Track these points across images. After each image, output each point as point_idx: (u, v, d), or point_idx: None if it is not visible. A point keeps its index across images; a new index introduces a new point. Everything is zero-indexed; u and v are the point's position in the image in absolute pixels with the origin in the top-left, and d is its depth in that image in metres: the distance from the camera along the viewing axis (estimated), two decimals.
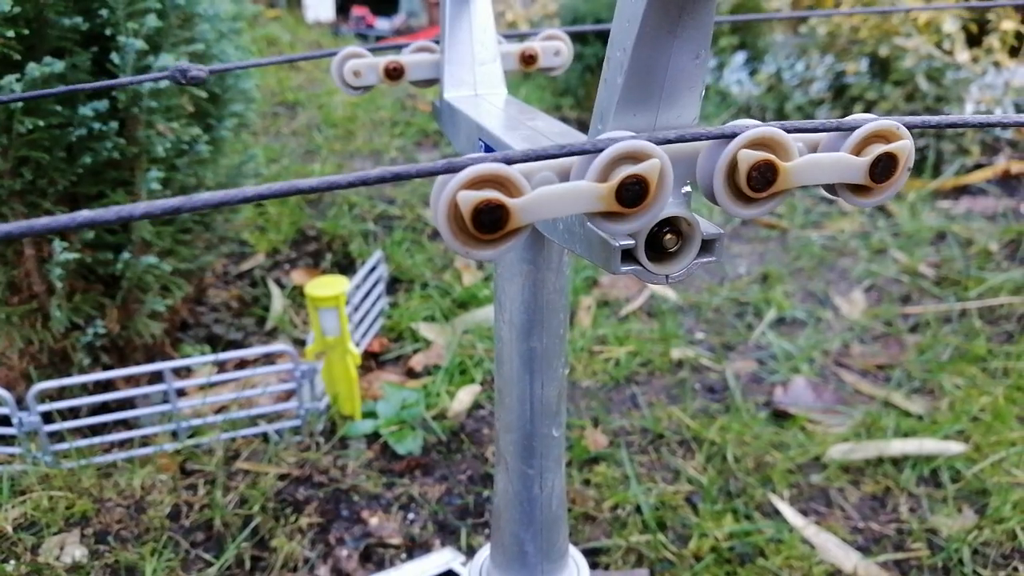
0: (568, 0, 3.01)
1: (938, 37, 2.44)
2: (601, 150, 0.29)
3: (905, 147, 0.32)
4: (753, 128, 0.30)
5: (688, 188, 0.34)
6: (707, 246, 0.34)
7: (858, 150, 0.32)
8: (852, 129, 0.32)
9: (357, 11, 5.18)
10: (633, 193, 0.29)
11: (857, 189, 0.33)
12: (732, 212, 0.31)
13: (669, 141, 0.30)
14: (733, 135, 0.30)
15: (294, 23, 4.57)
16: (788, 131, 0.30)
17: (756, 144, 0.30)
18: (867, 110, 2.51)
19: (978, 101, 2.49)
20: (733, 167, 0.30)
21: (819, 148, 0.33)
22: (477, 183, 0.28)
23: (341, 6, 5.56)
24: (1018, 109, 2.48)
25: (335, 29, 5.05)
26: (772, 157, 0.30)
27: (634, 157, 0.29)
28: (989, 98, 2.47)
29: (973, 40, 2.56)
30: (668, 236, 0.33)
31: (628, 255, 0.33)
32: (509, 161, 0.29)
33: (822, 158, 0.31)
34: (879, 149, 0.32)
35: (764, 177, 0.30)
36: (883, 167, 0.32)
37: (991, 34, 2.48)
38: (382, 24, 5.25)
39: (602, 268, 0.34)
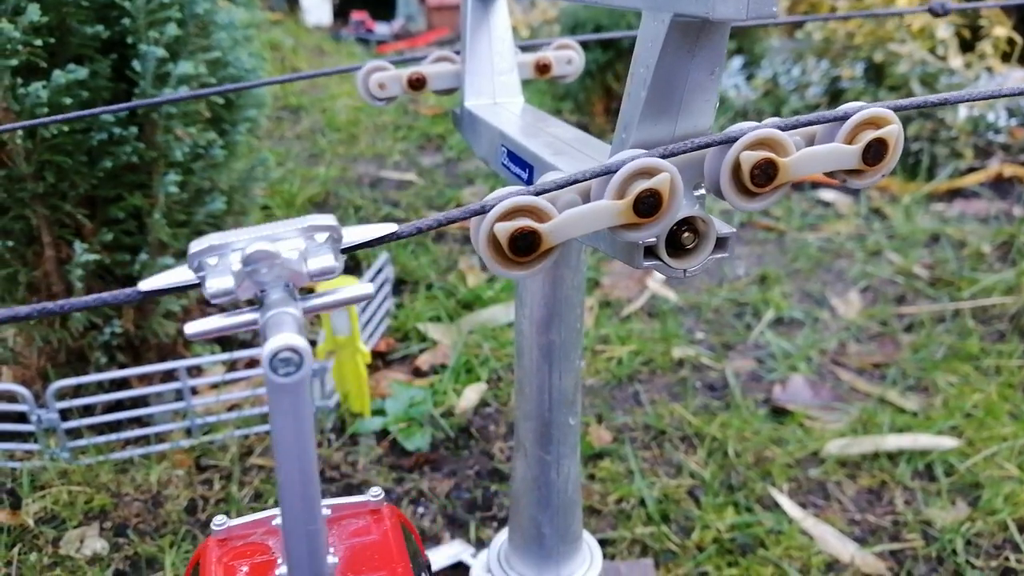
0: (568, 6, 3.05)
1: (932, 43, 2.49)
2: (615, 171, 0.33)
3: (893, 131, 0.35)
4: (751, 131, 0.33)
5: (703, 190, 0.38)
6: (721, 243, 0.37)
7: (850, 139, 0.35)
8: (844, 119, 0.35)
9: (356, 16, 5.21)
10: (648, 205, 0.33)
11: (853, 172, 0.36)
12: (737, 206, 0.34)
13: (676, 154, 0.33)
14: (734, 139, 0.33)
15: (295, 27, 4.61)
16: (784, 129, 0.34)
17: (757, 145, 0.33)
18: None
19: (971, 105, 2.53)
20: (736, 168, 0.33)
21: (815, 140, 0.36)
22: (510, 214, 0.32)
23: (339, 11, 5.59)
24: (1010, 113, 2.53)
25: (335, 34, 5.08)
26: (772, 155, 0.33)
27: (647, 172, 0.33)
28: (982, 102, 2.52)
29: (966, 46, 2.60)
30: (686, 234, 0.36)
31: (650, 252, 0.36)
32: (537, 192, 0.32)
33: (818, 150, 0.34)
34: (870, 135, 0.35)
35: (766, 174, 0.33)
36: (875, 152, 0.35)
37: (984, 40, 2.53)
38: (381, 28, 5.28)
39: (626, 263, 0.37)
